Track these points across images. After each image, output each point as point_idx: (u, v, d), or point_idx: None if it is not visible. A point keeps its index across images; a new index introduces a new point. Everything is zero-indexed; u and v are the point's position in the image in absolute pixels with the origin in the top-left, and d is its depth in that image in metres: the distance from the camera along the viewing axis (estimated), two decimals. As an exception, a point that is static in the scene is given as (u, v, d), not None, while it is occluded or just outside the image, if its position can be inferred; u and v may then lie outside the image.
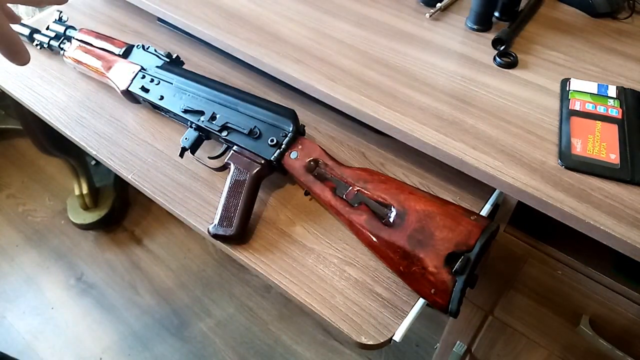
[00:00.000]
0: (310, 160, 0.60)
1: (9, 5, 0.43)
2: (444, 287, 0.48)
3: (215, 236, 0.59)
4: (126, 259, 1.53)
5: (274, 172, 0.63)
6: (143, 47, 0.76)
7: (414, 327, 0.53)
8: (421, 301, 0.54)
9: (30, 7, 1.23)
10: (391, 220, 0.53)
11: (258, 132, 0.63)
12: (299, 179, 0.60)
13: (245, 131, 0.63)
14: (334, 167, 0.59)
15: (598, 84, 0.62)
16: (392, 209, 0.54)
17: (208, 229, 0.60)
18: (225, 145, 0.66)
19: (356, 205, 0.56)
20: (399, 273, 0.53)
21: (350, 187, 0.56)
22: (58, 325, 1.38)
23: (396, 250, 0.52)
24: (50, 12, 0.98)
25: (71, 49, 0.80)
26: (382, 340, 0.52)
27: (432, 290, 0.49)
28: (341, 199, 0.56)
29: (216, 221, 0.60)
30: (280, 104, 0.66)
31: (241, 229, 0.59)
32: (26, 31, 0.86)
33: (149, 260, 1.53)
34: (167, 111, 0.71)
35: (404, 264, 0.52)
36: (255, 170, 0.61)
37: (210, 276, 1.48)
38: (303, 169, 0.60)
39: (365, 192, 0.55)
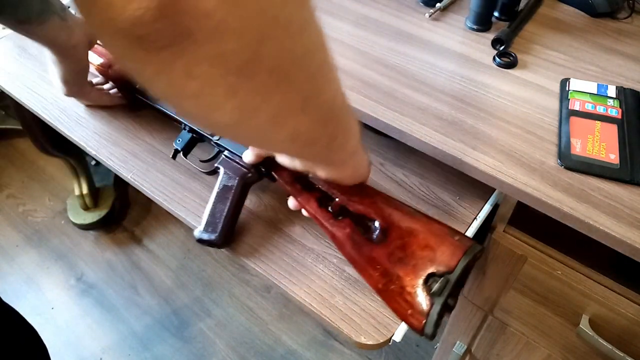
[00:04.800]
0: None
1: None
2: (421, 308, 0.46)
3: (200, 241, 0.59)
4: (126, 259, 1.53)
5: (262, 178, 0.62)
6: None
7: (414, 327, 0.54)
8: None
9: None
10: (374, 235, 0.51)
11: None
12: (285, 187, 0.58)
13: None
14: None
15: (597, 84, 0.62)
16: (376, 223, 0.52)
17: (194, 233, 0.59)
18: (216, 149, 0.65)
19: (340, 217, 0.54)
20: (377, 290, 0.51)
21: (337, 199, 0.54)
22: (58, 325, 1.38)
23: (376, 267, 0.50)
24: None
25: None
26: (381, 340, 0.52)
27: (409, 311, 0.47)
28: (326, 211, 0.54)
29: (201, 226, 0.59)
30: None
31: (226, 235, 0.58)
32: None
33: (149, 260, 1.53)
34: (163, 113, 0.71)
35: (382, 282, 0.49)
36: (243, 177, 0.60)
37: (210, 276, 1.48)
38: (290, 178, 0.58)
39: (351, 204, 0.53)
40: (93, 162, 1.65)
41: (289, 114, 0.29)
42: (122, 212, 1.64)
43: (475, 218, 0.62)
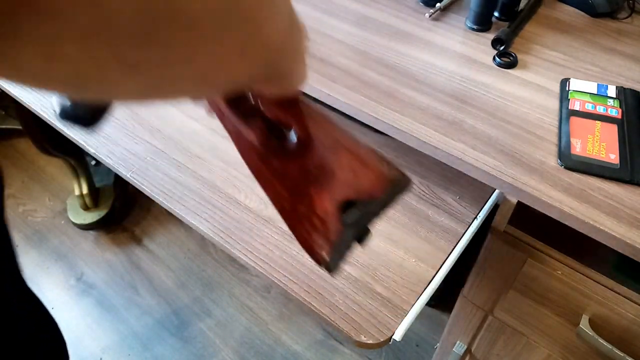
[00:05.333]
0: None
1: None
2: (329, 235, 0.40)
3: (65, 115, 0.40)
4: (126, 259, 1.53)
5: None
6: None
7: (414, 327, 0.54)
8: (421, 300, 0.54)
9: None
10: (289, 146, 0.43)
11: None
12: None
13: None
14: None
15: (598, 84, 0.62)
16: (294, 133, 0.43)
17: (57, 111, 0.47)
18: None
19: (250, 119, 0.44)
20: (282, 211, 0.44)
21: (253, 99, 0.43)
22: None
23: (285, 183, 0.43)
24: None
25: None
26: (381, 340, 0.52)
27: (314, 236, 0.41)
28: (235, 109, 0.44)
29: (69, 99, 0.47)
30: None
31: (96, 113, 0.44)
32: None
33: (149, 260, 1.53)
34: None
35: (289, 201, 0.43)
36: None
37: (210, 276, 1.48)
38: None
39: (267, 108, 0.43)
40: (93, 162, 1.65)
41: (224, 67, 0.21)
42: (122, 212, 1.64)
43: (475, 218, 0.62)
